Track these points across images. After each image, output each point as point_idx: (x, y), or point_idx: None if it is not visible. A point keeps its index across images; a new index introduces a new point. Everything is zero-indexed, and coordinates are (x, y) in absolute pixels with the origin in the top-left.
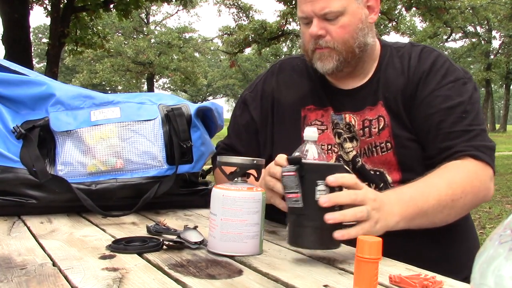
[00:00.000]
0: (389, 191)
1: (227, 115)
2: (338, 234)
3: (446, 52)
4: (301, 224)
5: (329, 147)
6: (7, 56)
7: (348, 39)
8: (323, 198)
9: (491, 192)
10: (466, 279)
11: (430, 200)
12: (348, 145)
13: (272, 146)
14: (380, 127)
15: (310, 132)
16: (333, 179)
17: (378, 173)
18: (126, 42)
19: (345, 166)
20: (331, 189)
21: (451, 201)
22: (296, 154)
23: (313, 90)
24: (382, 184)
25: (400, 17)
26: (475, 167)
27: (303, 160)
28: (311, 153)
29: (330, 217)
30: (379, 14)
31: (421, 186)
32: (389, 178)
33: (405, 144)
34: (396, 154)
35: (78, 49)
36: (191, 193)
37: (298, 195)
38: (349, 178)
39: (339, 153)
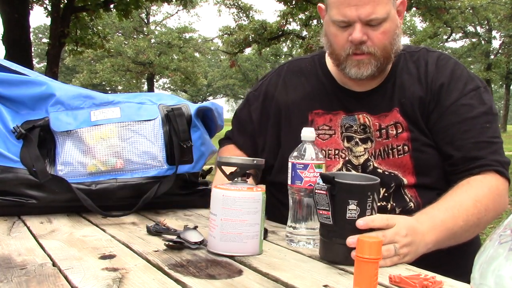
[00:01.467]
0: (422, 215)
1: (227, 115)
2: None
3: (446, 52)
4: (331, 240)
5: (337, 152)
6: (7, 56)
7: (387, 45)
8: (361, 221)
9: (507, 203)
10: (464, 273)
11: (459, 222)
12: (359, 148)
13: (274, 150)
14: (399, 131)
15: (307, 133)
16: (363, 222)
17: (392, 174)
18: (126, 42)
19: (377, 182)
20: (363, 208)
21: (477, 219)
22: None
23: (322, 94)
24: (394, 186)
25: None
26: (497, 182)
27: (336, 179)
28: (309, 154)
29: (361, 223)
30: None
31: (451, 207)
32: (405, 180)
33: (422, 149)
34: (412, 157)
35: (78, 49)
36: (191, 193)
37: (329, 213)
38: (380, 220)
39: (347, 158)
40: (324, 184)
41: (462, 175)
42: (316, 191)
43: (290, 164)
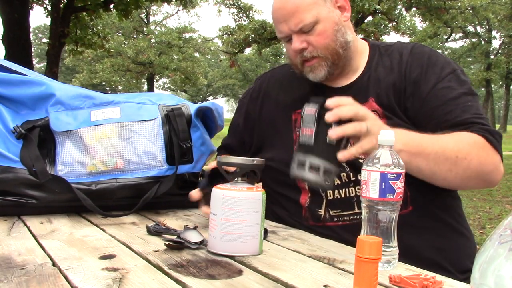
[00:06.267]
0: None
1: (227, 115)
2: (340, 155)
3: (446, 52)
4: (305, 160)
5: None
6: (7, 56)
7: (329, 43)
8: (330, 132)
9: (499, 173)
10: (463, 273)
11: (435, 147)
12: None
13: (257, 152)
14: None
15: (388, 136)
16: (330, 114)
17: None
18: (126, 42)
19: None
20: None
21: (455, 157)
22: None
23: (303, 93)
24: None
25: (400, 17)
26: (484, 143)
27: (326, 102)
28: (397, 161)
29: (332, 133)
30: (379, 14)
31: (429, 135)
32: None
33: None
34: None
35: (78, 49)
36: None
37: (312, 131)
38: (346, 100)
39: None
40: (315, 103)
41: None
42: (305, 109)
43: (375, 174)
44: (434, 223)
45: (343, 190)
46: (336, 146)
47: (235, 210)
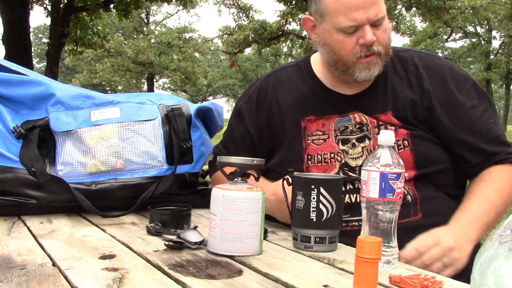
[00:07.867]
0: (458, 219)
1: (227, 115)
2: None
3: (446, 52)
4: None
5: (332, 155)
6: (7, 56)
7: (388, 42)
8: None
9: None
10: (469, 280)
11: (491, 215)
12: (356, 150)
13: (272, 156)
14: (396, 128)
15: (388, 136)
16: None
17: None
18: (126, 42)
19: (337, 177)
20: (307, 199)
21: (504, 208)
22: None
23: (312, 99)
24: None
25: (400, 17)
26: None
27: (294, 174)
28: (396, 161)
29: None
30: None
31: (481, 204)
32: (406, 174)
33: (421, 143)
34: (413, 151)
35: (78, 49)
36: (191, 193)
37: (288, 202)
38: (410, 255)
39: (343, 161)
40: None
41: (481, 171)
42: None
43: (375, 174)
44: None
45: (354, 195)
46: (304, 209)
47: (235, 210)
